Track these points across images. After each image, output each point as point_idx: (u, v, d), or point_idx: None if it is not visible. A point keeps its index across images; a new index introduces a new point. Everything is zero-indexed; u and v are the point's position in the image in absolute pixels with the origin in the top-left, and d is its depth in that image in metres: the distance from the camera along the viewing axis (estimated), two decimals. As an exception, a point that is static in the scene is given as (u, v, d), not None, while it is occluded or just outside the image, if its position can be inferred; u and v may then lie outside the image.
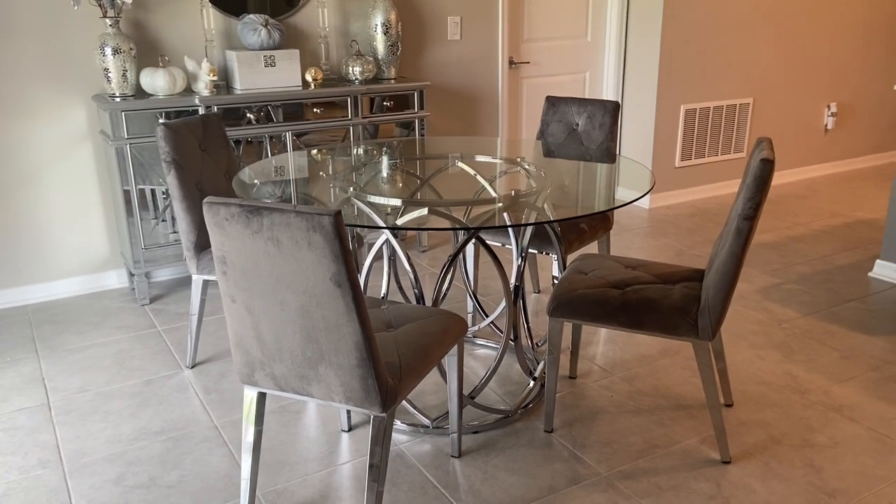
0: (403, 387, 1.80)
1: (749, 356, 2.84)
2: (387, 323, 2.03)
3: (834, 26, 5.24)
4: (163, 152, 2.55)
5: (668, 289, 2.20)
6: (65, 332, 3.11)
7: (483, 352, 2.91)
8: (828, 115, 5.47)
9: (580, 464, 2.20)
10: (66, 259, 3.46)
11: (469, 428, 2.37)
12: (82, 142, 3.37)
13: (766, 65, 5.00)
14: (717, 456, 2.23)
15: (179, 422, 2.44)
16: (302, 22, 3.72)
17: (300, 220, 1.55)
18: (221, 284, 1.74)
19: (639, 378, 2.69)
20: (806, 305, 3.29)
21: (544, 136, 3.23)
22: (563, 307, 2.21)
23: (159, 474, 2.17)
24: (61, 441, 2.34)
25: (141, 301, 3.36)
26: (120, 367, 2.80)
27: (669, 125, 4.71)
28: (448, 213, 2.14)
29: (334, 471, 2.18)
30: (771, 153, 2.00)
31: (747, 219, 1.97)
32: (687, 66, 4.64)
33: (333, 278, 1.60)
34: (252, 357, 1.80)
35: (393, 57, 3.77)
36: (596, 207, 2.23)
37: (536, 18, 4.43)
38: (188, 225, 2.62)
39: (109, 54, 3.10)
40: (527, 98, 4.55)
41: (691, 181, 4.96)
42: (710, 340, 2.10)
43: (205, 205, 1.65)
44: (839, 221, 4.49)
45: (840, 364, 2.78)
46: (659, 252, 3.99)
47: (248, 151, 3.40)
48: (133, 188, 3.20)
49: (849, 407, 2.49)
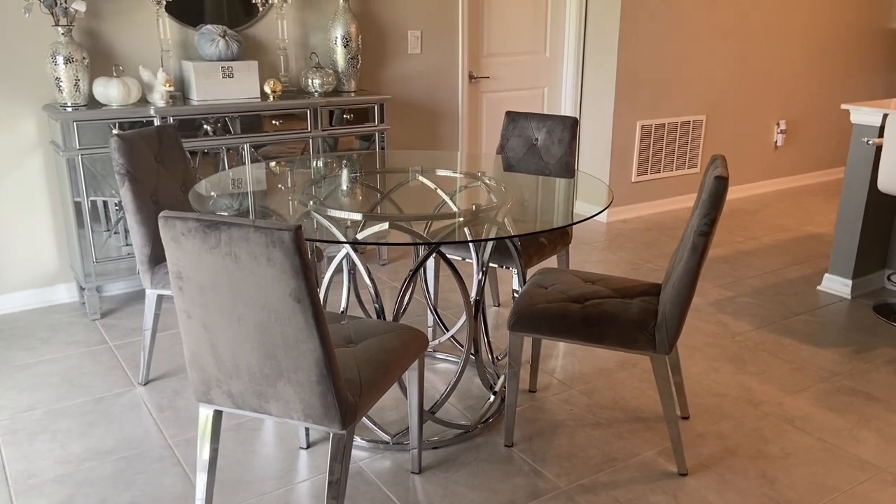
0: (363, 403, 1.79)
1: (704, 368, 2.89)
2: (346, 338, 2.01)
3: (784, 46, 5.41)
4: (116, 164, 2.49)
5: (627, 303, 2.23)
6: (12, 347, 3.01)
7: (443, 366, 2.91)
8: (777, 132, 5.63)
9: (540, 478, 2.20)
10: (14, 272, 3.35)
11: (429, 443, 2.36)
12: (32, 152, 3.27)
13: (719, 83, 5.13)
14: (674, 468, 2.26)
15: (132, 441, 2.38)
16: (261, 33, 3.68)
17: (259, 236, 1.53)
18: (177, 300, 1.70)
19: (597, 391, 2.72)
20: (758, 318, 3.37)
21: (504, 151, 3.25)
22: (524, 321, 2.22)
23: (110, 496, 2.11)
24: (7, 461, 2.26)
25: (92, 316, 3.27)
26: (70, 385, 2.72)
27: (626, 140, 4.79)
28: (409, 227, 2.13)
29: (292, 489, 2.14)
30: (725, 171, 2.04)
31: (703, 234, 2.01)
32: (643, 82, 4.73)
33: (293, 294, 1.58)
34: (208, 375, 1.77)
35: (353, 70, 3.76)
36: (555, 222, 2.25)
37: (496, 34, 4.47)
38: (142, 238, 2.56)
39: (61, 63, 3.02)
40: (486, 112, 4.59)
41: (647, 195, 5.04)
42: (667, 354, 2.13)
43: (160, 219, 1.61)
44: (789, 236, 4.62)
45: (791, 376, 2.84)
46: (616, 265, 4.04)
47: (205, 163, 3.35)
48: (84, 200, 3.12)
49: (800, 418, 2.55)
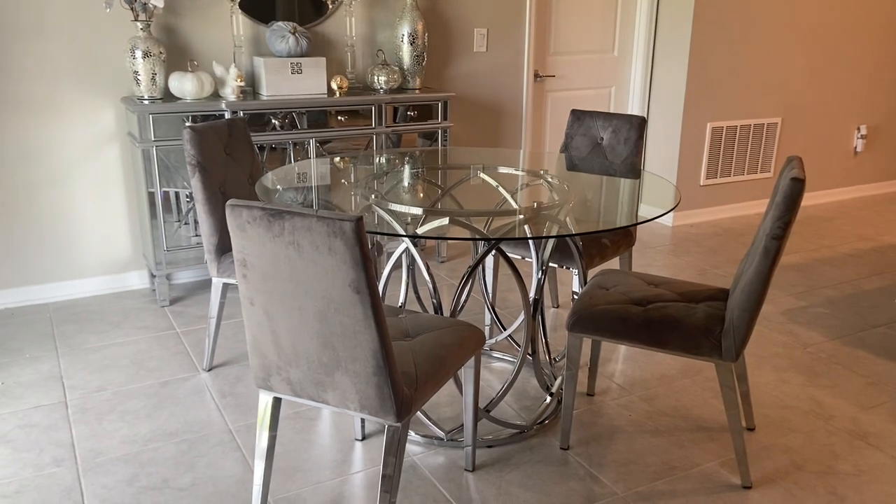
0: (419, 397, 1.78)
1: (772, 379, 2.79)
2: (404, 332, 2.01)
3: (865, 47, 5.17)
4: (188, 155, 2.56)
5: (692, 307, 2.17)
6: (85, 330, 3.13)
7: (500, 365, 2.88)
8: (857, 138, 5.39)
9: (596, 483, 2.16)
10: (90, 259, 3.49)
11: (483, 442, 2.34)
12: (110, 143, 3.40)
13: (797, 84, 4.95)
14: (737, 480, 2.18)
15: (195, 424, 2.44)
16: (329, 30, 3.73)
17: (321, 226, 1.54)
18: (241, 287, 1.74)
19: (658, 398, 2.65)
20: (832, 329, 3.23)
21: (568, 150, 3.21)
22: (584, 322, 2.18)
23: (172, 476, 2.17)
24: (76, 440, 2.35)
25: (161, 302, 3.38)
26: (138, 368, 2.81)
27: (695, 143, 4.67)
28: (469, 223, 2.12)
29: (347, 479, 2.16)
30: (801, 172, 1.96)
31: (775, 238, 1.93)
32: (715, 83, 4.60)
33: (352, 285, 1.58)
34: (269, 361, 1.80)
35: (418, 67, 3.77)
36: (618, 223, 2.20)
37: (563, 32, 4.42)
38: (210, 228, 2.62)
39: (140, 57, 3.13)
40: (551, 111, 4.54)
41: (716, 200, 4.90)
42: (733, 361, 2.05)
43: (227, 207, 1.65)
44: (867, 245, 4.41)
45: (866, 390, 2.71)
46: (682, 270, 3.94)
47: (272, 158, 3.41)
48: (157, 190, 3.23)
49: (875, 434, 2.43)
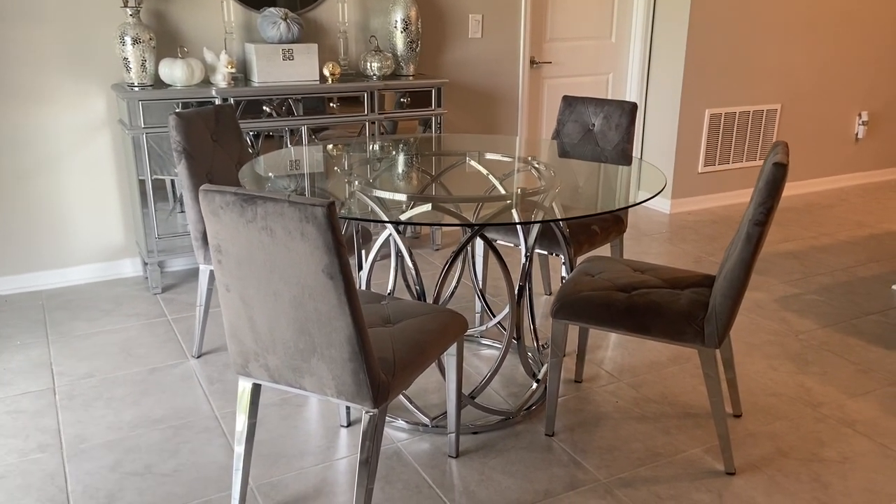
0: (397, 383, 1.78)
1: (762, 367, 2.77)
2: (385, 318, 2.00)
3: (867, 33, 5.11)
4: (174, 142, 2.56)
5: (676, 294, 2.15)
6: (76, 318, 3.14)
7: (489, 352, 2.88)
8: (859, 124, 5.34)
9: (579, 469, 2.16)
10: (82, 246, 3.50)
11: (469, 428, 2.34)
12: (101, 130, 3.40)
13: (796, 70, 4.90)
14: (721, 467, 2.17)
15: (181, 411, 2.44)
16: (322, 16, 3.71)
17: (293, 211, 1.54)
18: (217, 273, 1.73)
19: (646, 384, 2.64)
20: (825, 317, 3.21)
21: (560, 136, 3.19)
22: (567, 309, 2.17)
23: (155, 462, 2.17)
24: (62, 426, 2.36)
25: (153, 290, 3.38)
26: (127, 355, 2.81)
27: (693, 129, 4.63)
28: (456, 210, 2.11)
29: (330, 465, 2.16)
30: (785, 157, 1.94)
31: (758, 224, 1.91)
32: (713, 69, 4.56)
33: (326, 270, 1.58)
34: (246, 348, 1.79)
35: (412, 53, 3.75)
36: (598, 208, 2.18)
37: (560, 18, 4.38)
38: (196, 215, 2.62)
39: (129, 44, 3.12)
40: (547, 98, 4.51)
41: (714, 187, 4.87)
42: (716, 348, 2.04)
43: (201, 192, 1.64)
44: (866, 232, 4.38)
45: (856, 378, 2.69)
46: (678, 258, 3.92)
47: (267, 145, 3.40)
48: (148, 178, 3.22)
49: (862, 422, 2.41)
